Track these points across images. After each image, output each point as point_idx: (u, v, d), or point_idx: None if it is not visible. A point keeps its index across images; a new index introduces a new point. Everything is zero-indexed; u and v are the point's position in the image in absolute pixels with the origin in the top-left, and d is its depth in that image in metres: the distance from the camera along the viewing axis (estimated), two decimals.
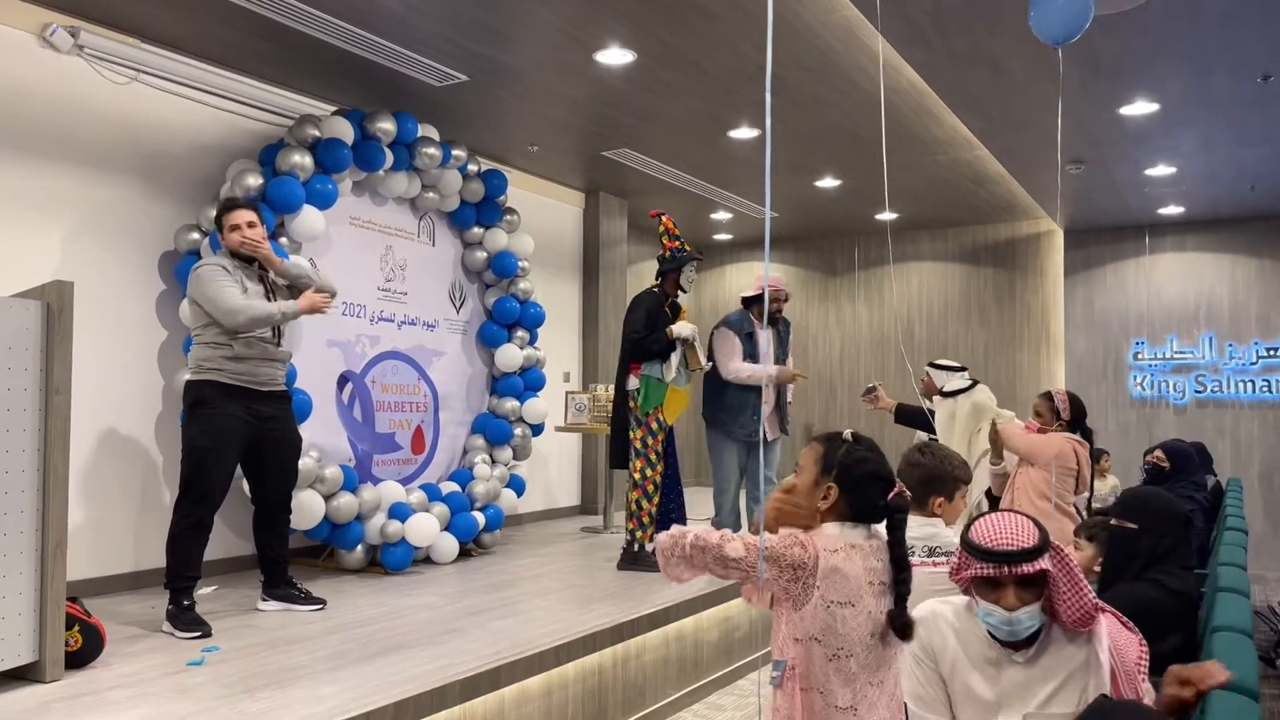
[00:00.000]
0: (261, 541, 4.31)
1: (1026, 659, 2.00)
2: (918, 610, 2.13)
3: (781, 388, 5.74)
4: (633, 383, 5.33)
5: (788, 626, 1.90)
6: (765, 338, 5.62)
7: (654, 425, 5.29)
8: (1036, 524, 1.99)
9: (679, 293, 5.46)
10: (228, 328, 3.97)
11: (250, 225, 4.12)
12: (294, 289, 4.26)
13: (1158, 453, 5.23)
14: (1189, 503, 4.90)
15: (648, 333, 5.24)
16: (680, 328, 5.28)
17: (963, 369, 5.24)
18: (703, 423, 5.78)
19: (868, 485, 1.93)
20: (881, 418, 9.52)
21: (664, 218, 5.51)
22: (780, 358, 5.75)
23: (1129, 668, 1.90)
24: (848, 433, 2.02)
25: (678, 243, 5.45)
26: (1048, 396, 4.05)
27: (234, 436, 4.01)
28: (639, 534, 5.31)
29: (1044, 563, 1.92)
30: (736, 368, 5.53)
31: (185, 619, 3.86)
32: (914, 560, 2.64)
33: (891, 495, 1.92)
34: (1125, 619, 1.99)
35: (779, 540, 1.88)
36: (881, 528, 2.00)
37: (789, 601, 1.88)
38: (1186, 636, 2.62)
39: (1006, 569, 1.92)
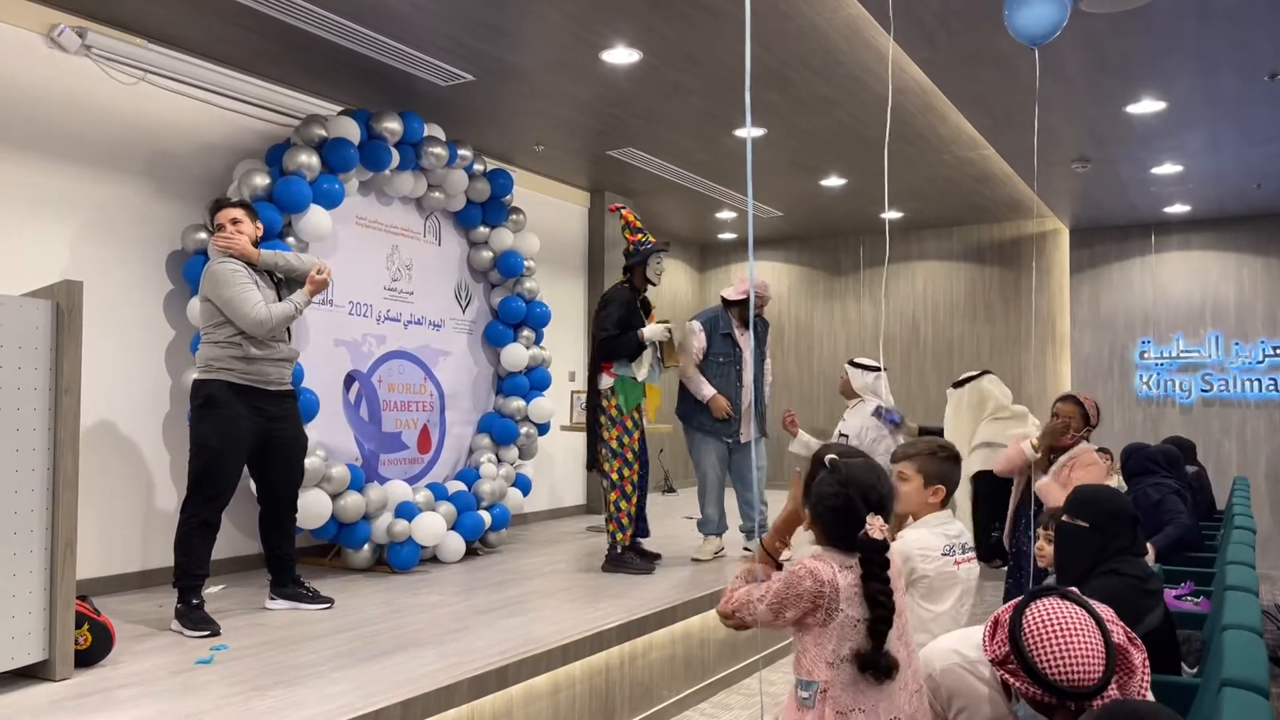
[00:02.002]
0: (268, 541, 4.32)
1: None
2: (943, 661, 2.06)
3: (758, 390, 5.63)
4: (605, 381, 5.24)
5: (816, 649, 1.87)
6: (749, 342, 5.54)
7: (629, 424, 5.22)
8: (1102, 630, 1.70)
9: (648, 286, 5.38)
10: (253, 335, 4.00)
11: (234, 222, 4.11)
12: (290, 279, 4.27)
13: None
14: (1157, 490, 5.13)
15: (619, 332, 5.16)
16: (652, 331, 5.20)
17: (880, 369, 5.31)
18: (681, 423, 5.73)
19: (836, 519, 1.90)
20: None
21: (624, 211, 5.42)
22: (759, 358, 5.68)
23: (1133, 691, 1.78)
24: (829, 458, 1.97)
25: (640, 235, 5.35)
26: (1076, 401, 3.94)
27: (244, 436, 4.02)
28: (619, 535, 5.23)
29: (1111, 693, 1.68)
30: (686, 369, 5.52)
31: (194, 618, 3.88)
32: (956, 559, 2.66)
33: (861, 535, 1.85)
34: (1132, 632, 1.83)
35: (788, 579, 1.86)
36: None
37: (816, 626, 1.87)
38: (1164, 611, 2.66)
39: (1071, 705, 1.67)
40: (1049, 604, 1.72)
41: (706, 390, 5.45)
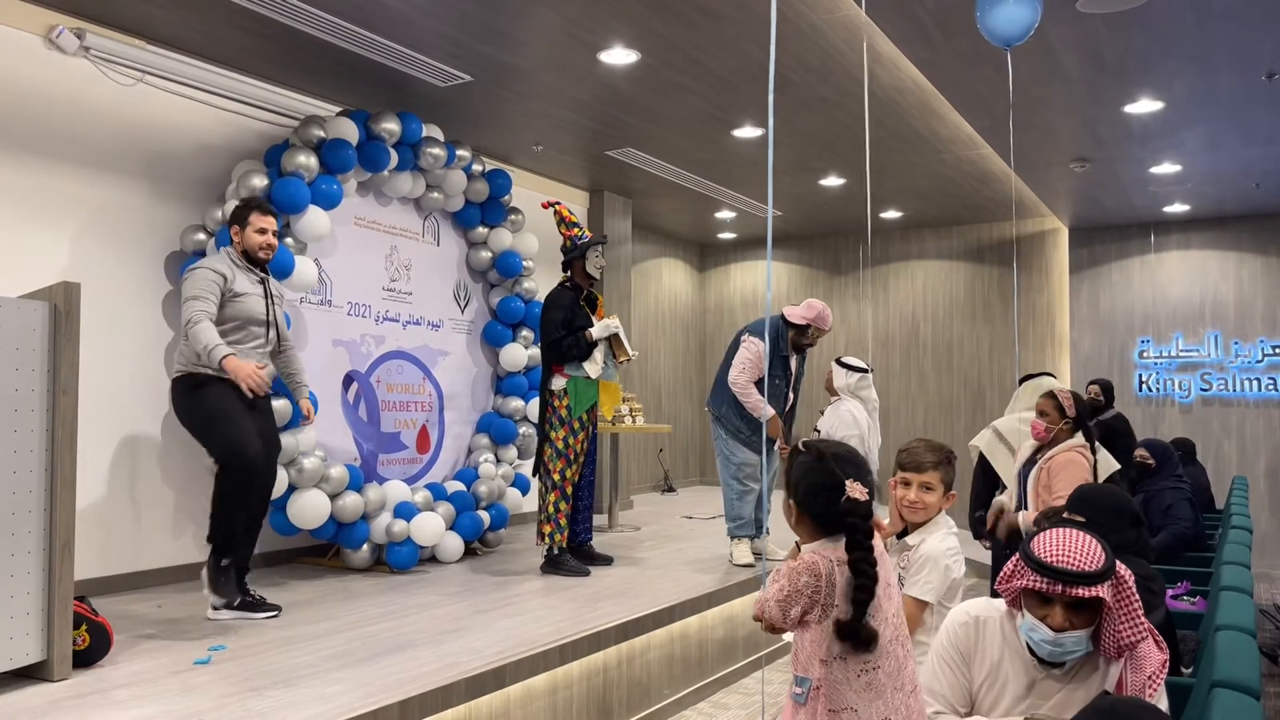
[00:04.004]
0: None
1: (1064, 675, 1.93)
2: (964, 613, 2.08)
3: (794, 401, 5.62)
4: (558, 382, 5.18)
5: (812, 646, 1.87)
6: (794, 364, 5.55)
7: (576, 425, 5.15)
8: (1105, 548, 1.87)
9: (590, 282, 5.33)
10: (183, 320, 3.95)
11: (275, 234, 4.19)
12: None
13: (1141, 451, 5.51)
14: (1171, 494, 5.19)
15: (565, 334, 5.11)
16: (599, 329, 5.15)
17: (867, 370, 5.31)
18: (710, 423, 5.68)
19: (818, 495, 1.88)
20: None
21: (558, 207, 5.37)
22: (798, 381, 5.65)
23: (1140, 681, 1.83)
24: (800, 441, 1.97)
25: (576, 230, 5.32)
26: (1051, 396, 4.00)
27: (239, 401, 4.00)
28: (556, 536, 5.14)
29: (1101, 590, 1.81)
30: (747, 387, 5.31)
31: (221, 580, 3.99)
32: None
33: (843, 500, 1.84)
34: (1157, 633, 1.91)
35: (790, 575, 1.85)
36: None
37: (814, 623, 1.86)
38: (1164, 611, 2.69)
39: (1060, 588, 1.82)
40: (1057, 528, 1.94)
41: (768, 411, 5.29)
